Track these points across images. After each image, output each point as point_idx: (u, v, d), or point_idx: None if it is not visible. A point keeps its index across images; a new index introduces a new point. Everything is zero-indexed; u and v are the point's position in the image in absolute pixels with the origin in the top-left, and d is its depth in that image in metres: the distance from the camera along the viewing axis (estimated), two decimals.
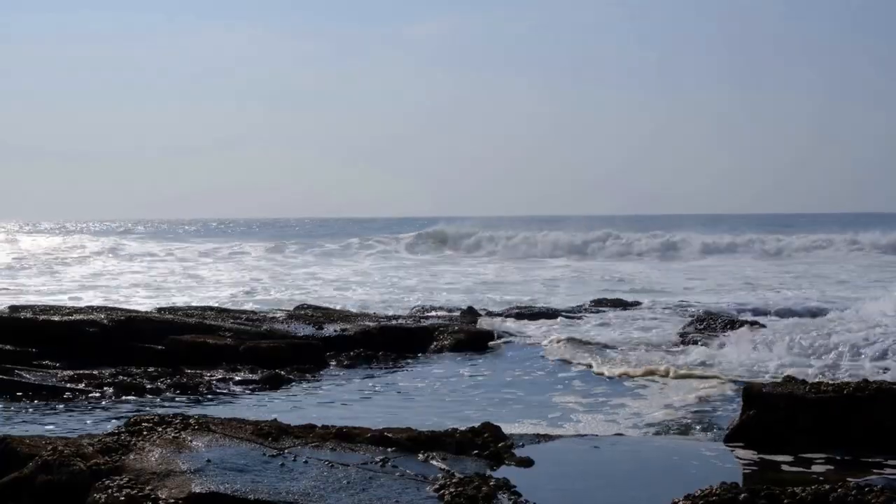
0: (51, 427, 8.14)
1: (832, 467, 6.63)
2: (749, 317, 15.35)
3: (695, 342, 12.72)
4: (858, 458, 6.79)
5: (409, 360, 12.10)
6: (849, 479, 6.04)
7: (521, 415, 8.67)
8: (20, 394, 9.75)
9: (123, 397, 9.69)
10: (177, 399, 9.60)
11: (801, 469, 6.65)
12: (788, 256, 39.09)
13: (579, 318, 16.01)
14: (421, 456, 6.32)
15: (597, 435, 7.64)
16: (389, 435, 6.61)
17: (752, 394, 7.58)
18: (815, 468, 6.64)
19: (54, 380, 10.38)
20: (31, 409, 9.08)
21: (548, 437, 7.47)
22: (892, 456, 6.80)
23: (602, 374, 10.74)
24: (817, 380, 8.27)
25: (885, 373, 10.20)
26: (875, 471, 6.54)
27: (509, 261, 38.29)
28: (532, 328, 14.72)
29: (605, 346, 12.74)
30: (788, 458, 6.92)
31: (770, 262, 36.21)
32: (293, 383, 10.50)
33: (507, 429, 7.26)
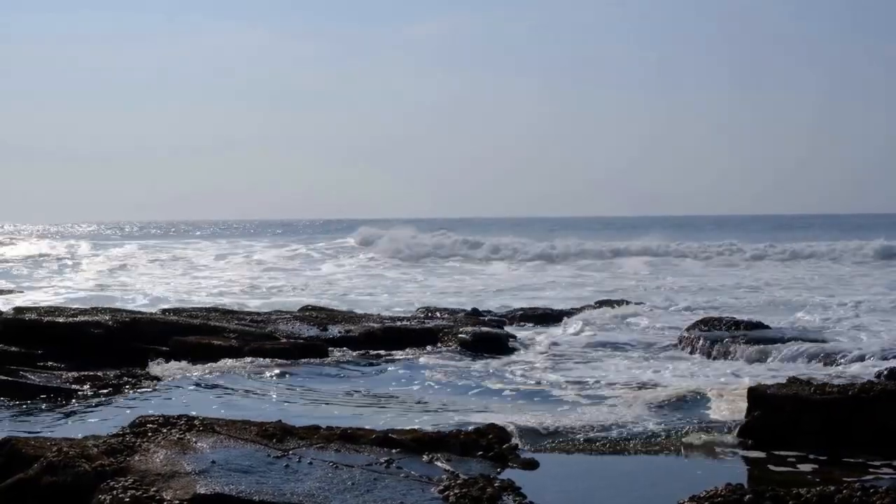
0: (56, 428, 8.14)
1: (837, 468, 6.62)
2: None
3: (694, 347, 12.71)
4: (863, 460, 6.78)
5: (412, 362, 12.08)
6: (854, 480, 6.03)
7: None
8: (25, 395, 9.75)
9: (128, 398, 9.68)
10: (181, 400, 9.58)
11: (806, 470, 6.65)
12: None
13: (585, 320, 16.01)
14: (425, 457, 6.32)
15: (601, 436, 7.62)
16: (394, 436, 6.62)
17: (757, 395, 7.58)
18: (820, 469, 6.64)
19: (59, 381, 10.38)
20: (36, 411, 9.08)
21: (552, 437, 7.47)
22: None
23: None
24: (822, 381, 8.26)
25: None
26: (878, 472, 6.54)
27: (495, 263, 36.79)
28: (536, 331, 14.75)
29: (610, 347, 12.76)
30: (793, 459, 6.91)
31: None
32: (296, 383, 10.49)
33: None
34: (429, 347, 12.88)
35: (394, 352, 12.57)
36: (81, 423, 8.41)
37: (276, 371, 11.01)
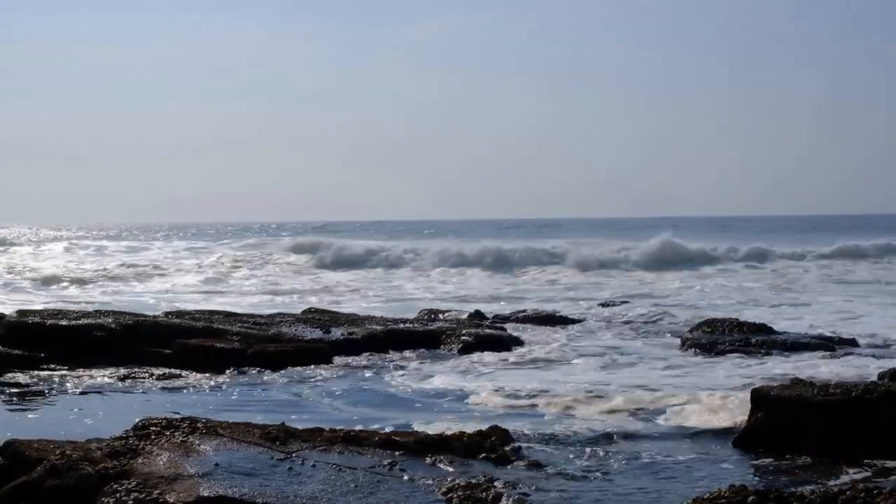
0: (59, 430, 8.14)
1: (840, 469, 6.61)
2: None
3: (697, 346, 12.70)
4: (866, 460, 6.77)
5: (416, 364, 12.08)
6: (857, 481, 6.03)
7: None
8: (28, 397, 9.77)
9: (131, 401, 9.69)
10: (184, 402, 9.59)
11: (809, 471, 6.64)
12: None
13: (588, 321, 16.03)
14: (429, 459, 6.32)
15: (605, 437, 7.62)
16: (397, 438, 6.62)
17: (760, 396, 7.58)
18: (824, 470, 6.63)
19: (62, 383, 10.39)
20: (39, 413, 9.08)
21: (556, 440, 7.47)
22: None
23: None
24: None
25: None
26: (882, 473, 6.53)
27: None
28: (540, 334, 14.77)
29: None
30: (796, 460, 6.90)
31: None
32: (300, 385, 10.50)
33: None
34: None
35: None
36: (85, 426, 8.40)
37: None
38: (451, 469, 6.13)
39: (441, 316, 16.17)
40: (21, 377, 10.81)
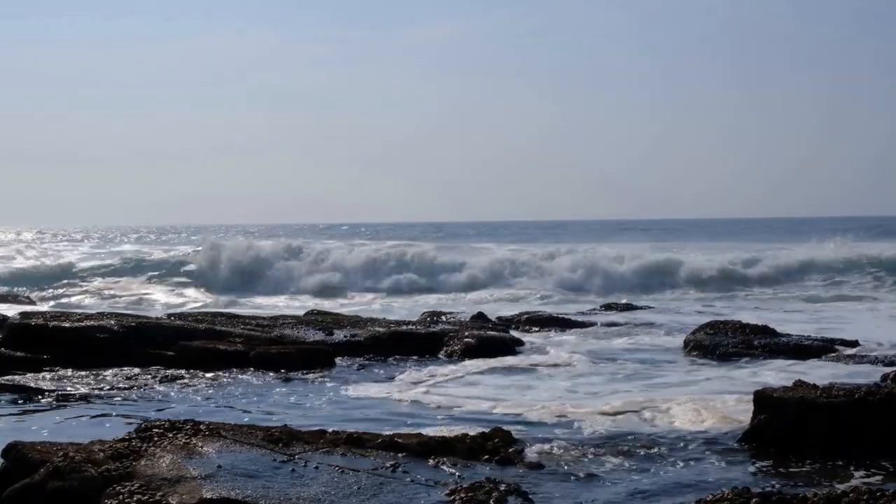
0: (61, 433, 8.14)
1: (843, 471, 6.61)
2: None
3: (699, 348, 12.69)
4: (870, 462, 6.77)
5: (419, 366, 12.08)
6: (860, 483, 6.03)
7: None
8: (31, 400, 9.78)
9: (134, 403, 9.70)
10: (187, 404, 9.60)
11: (812, 473, 6.64)
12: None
13: (592, 325, 16.04)
14: (431, 461, 6.32)
15: (607, 439, 7.62)
16: (400, 440, 6.62)
17: (763, 397, 7.58)
18: (827, 472, 6.63)
19: (65, 385, 10.40)
20: (41, 415, 9.09)
21: (558, 442, 7.47)
22: None
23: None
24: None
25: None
26: (885, 475, 6.52)
27: None
28: (543, 336, 14.77)
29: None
30: (799, 462, 6.90)
31: None
32: (303, 388, 10.51)
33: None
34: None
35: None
36: (88, 428, 8.41)
37: None
38: (453, 471, 6.14)
39: (444, 318, 16.16)
40: (24, 379, 10.84)
